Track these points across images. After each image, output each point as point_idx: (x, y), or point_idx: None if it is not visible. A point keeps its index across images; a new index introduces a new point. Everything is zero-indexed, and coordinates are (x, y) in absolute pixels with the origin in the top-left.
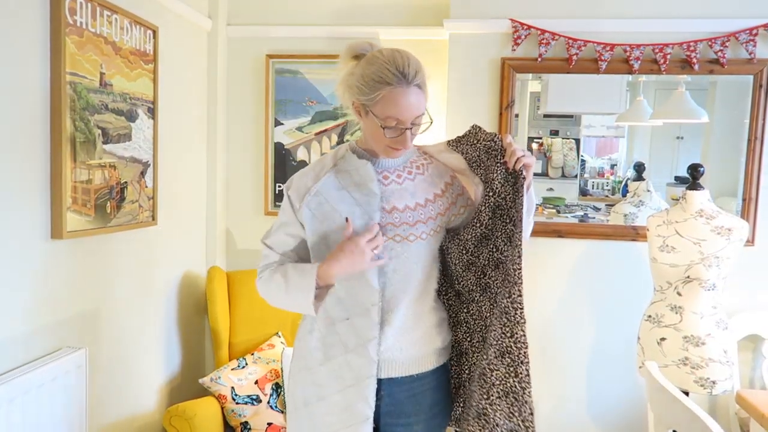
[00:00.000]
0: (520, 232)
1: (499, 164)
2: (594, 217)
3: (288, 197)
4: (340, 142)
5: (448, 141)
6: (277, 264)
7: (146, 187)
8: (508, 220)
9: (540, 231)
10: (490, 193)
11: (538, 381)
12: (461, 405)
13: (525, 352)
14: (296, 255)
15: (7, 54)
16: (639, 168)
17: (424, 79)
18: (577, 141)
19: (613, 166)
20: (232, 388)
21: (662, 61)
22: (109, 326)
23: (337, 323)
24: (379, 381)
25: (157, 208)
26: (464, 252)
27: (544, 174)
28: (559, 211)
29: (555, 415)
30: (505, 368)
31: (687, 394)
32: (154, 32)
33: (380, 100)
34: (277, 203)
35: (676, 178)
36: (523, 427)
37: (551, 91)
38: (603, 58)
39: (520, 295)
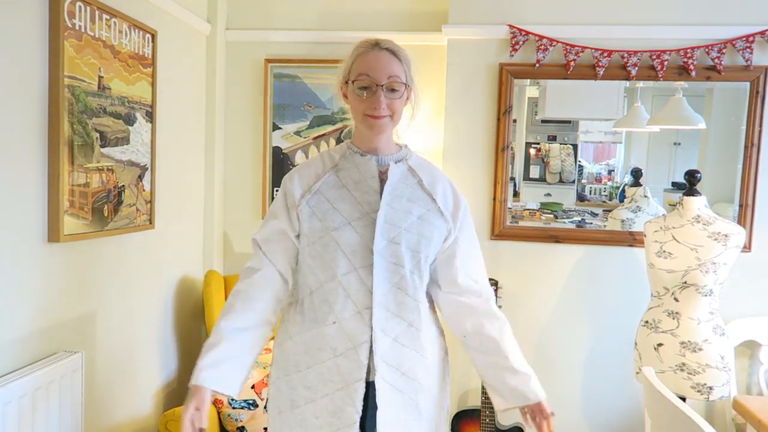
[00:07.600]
0: None
1: None
2: (591, 223)
3: (284, 190)
4: None
5: None
6: (253, 270)
7: (144, 190)
8: None
9: (537, 236)
10: None
11: None
12: None
13: None
14: (281, 249)
15: (5, 57)
16: (636, 174)
17: (398, 49)
18: (575, 146)
19: (610, 172)
20: None
21: (659, 67)
22: (105, 330)
23: (325, 326)
24: (372, 384)
25: (155, 212)
26: None
27: (542, 179)
28: (556, 217)
29: None
30: None
31: (684, 400)
32: (153, 36)
33: (354, 64)
34: None
35: (674, 183)
36: None
37: (549, 96)
38: (600, 64)
39: None
